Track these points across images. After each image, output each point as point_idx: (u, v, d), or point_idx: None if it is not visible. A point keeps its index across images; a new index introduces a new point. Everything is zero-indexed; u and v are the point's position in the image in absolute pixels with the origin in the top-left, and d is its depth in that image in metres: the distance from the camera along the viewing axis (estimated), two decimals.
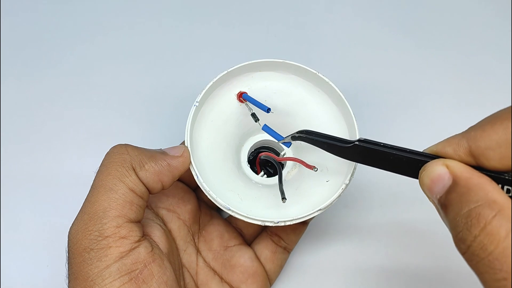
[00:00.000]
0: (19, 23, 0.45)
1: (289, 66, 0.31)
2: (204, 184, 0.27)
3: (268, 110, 0.30)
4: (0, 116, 0.41)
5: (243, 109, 0.32)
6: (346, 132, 0.31)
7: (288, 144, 0.30)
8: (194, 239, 0.31)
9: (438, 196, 0.20)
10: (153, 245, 0.26)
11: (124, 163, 0.25)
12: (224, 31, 0.45)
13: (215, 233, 0.32)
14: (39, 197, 0.38)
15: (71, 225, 0.25)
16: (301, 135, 0.27)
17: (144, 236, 0.26)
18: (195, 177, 0.28)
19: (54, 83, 0.42)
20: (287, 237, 0.33)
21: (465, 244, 0.18)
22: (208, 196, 0.28)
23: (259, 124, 0.31)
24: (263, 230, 0.34)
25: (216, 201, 0.27)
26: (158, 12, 0.46)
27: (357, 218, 0.37)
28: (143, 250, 0.24)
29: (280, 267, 0.33)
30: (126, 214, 0.24)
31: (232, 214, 0.27)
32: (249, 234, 0.34)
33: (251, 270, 0.31)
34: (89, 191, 0.25)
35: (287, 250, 0.33)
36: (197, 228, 0.32)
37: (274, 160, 0.31)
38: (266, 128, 0.30)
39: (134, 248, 0.24)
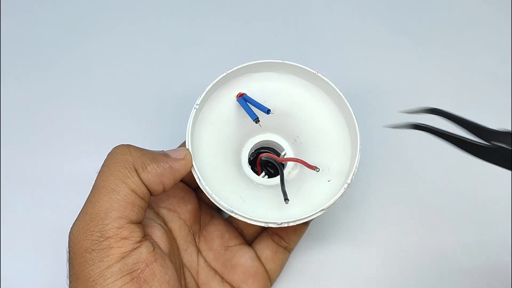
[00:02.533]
0: (19, 23, 0.45)
1: (288, 67, 0.31)
2: (206, 187, 0.27)
3: (268, 111, 0.30)
4: (0, 116, 0.41)
5: (243, 110, 0.32)
6: (347, 132, 0.31)
7: (252, 116, 0.29)
8: (194, 239, 0.31)
9: None
10: (154, 245, 0.26)
11: (126, 164, 0.25)
12: (224, 32, 0.45)
13: (216, 233, 0.32)
14: (40, 197, 0.37)
15: (72, 225, 0.24)
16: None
17: (145, 236, 0.26)
18: (197, 180, 0.28)
19: (54, 83, 0.42)
20: (288, 237, 0.33)
21: None
22: (211, 199, 0.27)
23: (260, 125, 0.31)
24: (263, 230, 0.33)
25: (219, 204, 0.27)
26: (158, 13, 0.46)
27: (358, 218, 0.37)
28: (144, 250, 0.24)
29: (281, 267, 0.33)
30: (127, 215, 0.24)
31: (236, 216, 0.27)
32: (249, 234, 0.34)
33: (252, 270, 0.31)
34: (91, 191, 0.25)
35: (288, 250, 0.33)
36: (197, 227, 0.32)
37: (276, 161, 0.31)
38: (241, 101, 0.30)
39: (135, 248, 0.24)
